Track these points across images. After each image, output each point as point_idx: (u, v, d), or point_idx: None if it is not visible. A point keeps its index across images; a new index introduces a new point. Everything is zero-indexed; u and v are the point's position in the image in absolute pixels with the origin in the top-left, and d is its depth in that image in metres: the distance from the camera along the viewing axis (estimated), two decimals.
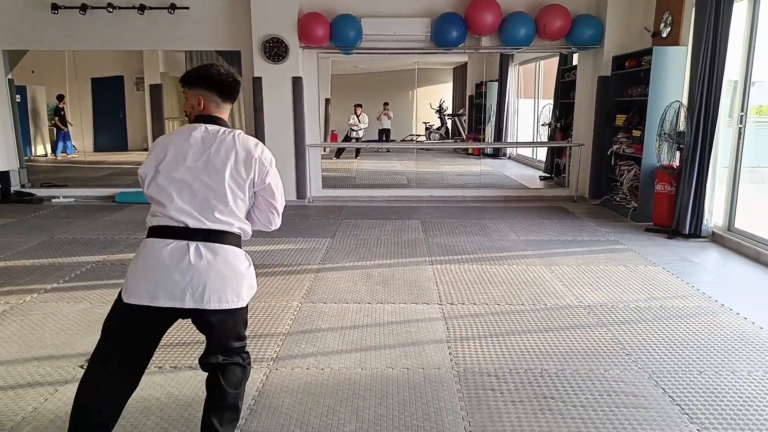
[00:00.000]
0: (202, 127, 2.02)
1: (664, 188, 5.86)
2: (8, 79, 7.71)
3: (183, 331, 3.32)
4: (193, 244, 1.91)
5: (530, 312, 3.68)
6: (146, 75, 10.79)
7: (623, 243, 5.40)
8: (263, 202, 2.11)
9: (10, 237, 5.65)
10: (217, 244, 1.95)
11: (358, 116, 12.50)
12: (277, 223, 2.20)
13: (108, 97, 10.90)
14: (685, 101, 5.75)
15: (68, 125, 11.86)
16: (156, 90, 10.93)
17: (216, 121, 2.05)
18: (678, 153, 5.77)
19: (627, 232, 5.82)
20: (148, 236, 1.96)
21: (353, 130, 12.58)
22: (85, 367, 2.03)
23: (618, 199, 6.87)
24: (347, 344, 3.20)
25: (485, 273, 4.49)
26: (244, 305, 2.05)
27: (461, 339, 3.27)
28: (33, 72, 10.91)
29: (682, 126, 5.63)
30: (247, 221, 2.09)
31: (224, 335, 2.04)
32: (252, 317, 3.56)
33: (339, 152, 12.77)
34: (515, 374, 2.85)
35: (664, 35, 6.27)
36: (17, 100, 8.17)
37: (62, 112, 11.79)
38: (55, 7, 7.20)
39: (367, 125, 12.62)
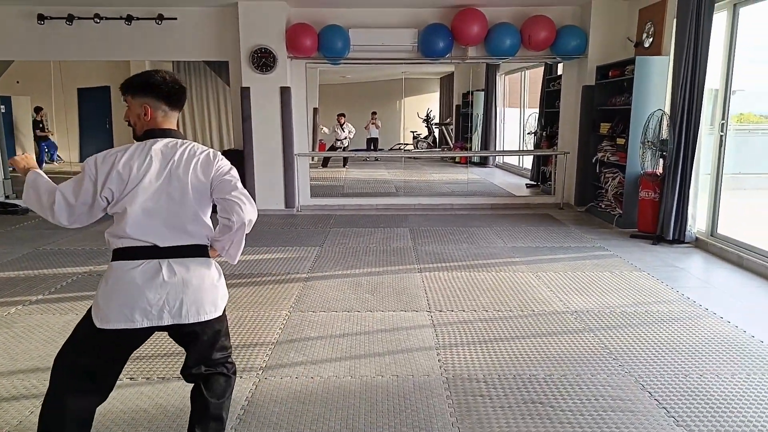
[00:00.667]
0: (160, 142, 1.93)
1: (648, 195, 5.95)
2: None
3: (170, 341, 3.30)
4: (164, 262, 1.87)
5: (518, 318, 3.71)
6: None
7: (609, 249, 5.46)
8: (225, 200, 1.92)
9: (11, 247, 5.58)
10: (188, 259, 1.92)
11: (341, 126, 12.54)
12: (247, 212, 1.91)
13: (94, 107, 10.84)
14: (667, 109, 5.85)
15: (49, 133, 11.74)
16: None
17: (170, 133, 1.97)
18: (661, 160, 5.86)
19: (612, 239, 5.89)
20: (115, 259, 1.89)
21: (338, 140, 12.62)
22: (49, 391, 1.91)
23: (603, 206, 6.95)
24: (337, 352, 3.21)
25: (473, 280, 4.52)
26: (221, 314, 2.03)
27: (450, 346, 3.29)
28: (18, 82, 10.84)
29: (664, 134, 5.73)
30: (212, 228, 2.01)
31: (206, 346, 2.01)
32: (241, 326, 3.55)
33: (326, 161, 12.79)
34: (504, 380, 2.87)
35: (647, 45, 6.39)
36: (1, 110, 8.09)
37: (41, 125, 11.69)
38: (41, 18, 7.17)
39: (353, 134, 12.66)
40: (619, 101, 6.66)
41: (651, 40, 6.33)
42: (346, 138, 12.66)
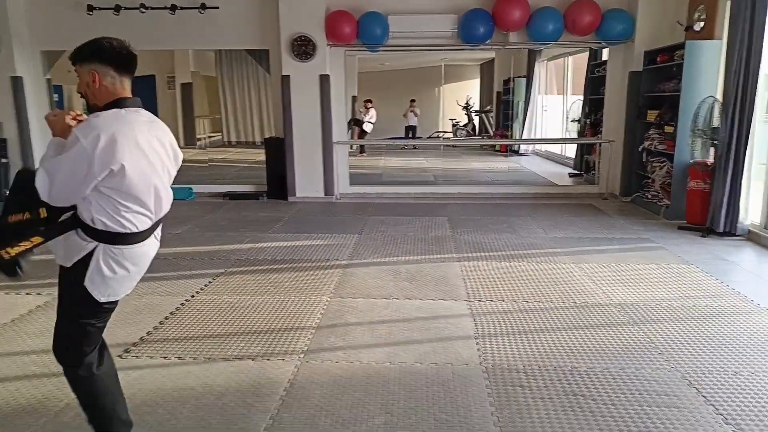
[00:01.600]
0: (133, 111, 1.92)
1: (697, 185, 5.74)
2: (46, 79, 7.95)
3: (217, 324, 3.41)
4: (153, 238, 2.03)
5: (559, 309, 3.66)
6: (177, 74, 11.02)
7: (655, 241, 5.31)
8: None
9: None
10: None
11: (367, 111, 12.51)
12: None
13: (141, 95, 11.08)
14: (719, 96, 5.62)
15: None
16: (187, 88, 11.15)
17: (135, 102, 1.96)
18: (712, 149, 5.64)
19: (659, 230, 5.72)
20: (123, 242, 1.88)
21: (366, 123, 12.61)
22: (86, 364, 2.02)
23: (649, 196, 6.75)
24: (376, 339, 3.24)
25: (513, 270, 4.47)
26: None
27: (489, 335, 3.27)
28: (69, 72, 11.24)
29: (716, 122, 5.51)
30: None
31: None
32: (283, 310, 3.63)
33: (362, 148, 12.81)
34: (544, 371, 2.84)
35: (698, 29, 6.13)
36: (55, 99, 8.41)
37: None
38: (90, 9, 7.39)
39: (373, 119, 12.62)
40: (668, 87, 6.43)
41: (703, 23, 6.07)
42: (368, 123, 12.62)
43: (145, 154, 1.87)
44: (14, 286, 4.10)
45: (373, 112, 12.51)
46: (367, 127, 12.54)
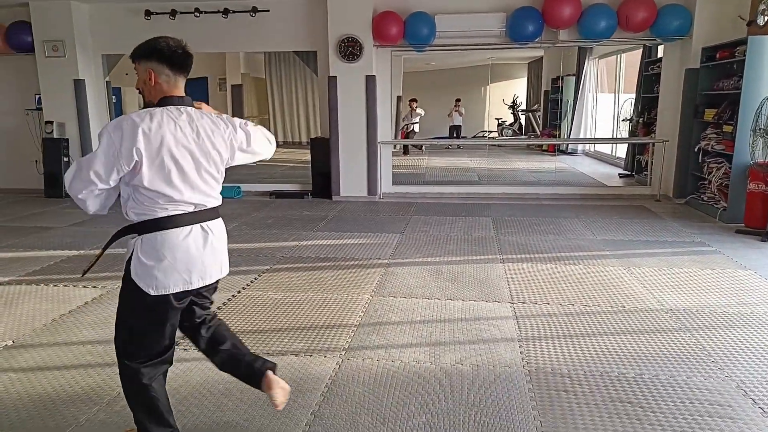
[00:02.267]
0: (176, 109, 1.99)
1: (758, 187, 5.46)
2: (106, 82, 8.33)
3: (251, 318, 3.48)
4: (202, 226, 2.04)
5: (607, 314, 3.56)
6: (228, 76, 11.34)
7: (710, 245, 5.09)
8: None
9: (106, 227, 6.11)
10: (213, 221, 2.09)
11: (413, 111, 12.54)
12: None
13: (194, 97, 11.48)
14: None
15: None
16: (237, 90, 11.46)
17: (183, 101, 2.02)
18: None
19: (715, 234, 5.48)
20: (155, 228, 1.96)
21: (410, 125, 12.62)
22: (134, 368, 2.05)
23: (705, 198, 6.47)
24: (417, 338, 3.24)
25: (559, 273, 4.38)
26: None
27: (533, 338, 3.22)
28: (127, 74, 11.72)
29: None
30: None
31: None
32: (325, 308, 3.68)
33: (406, 149, 12.81)
34: (590, 377, 2.77)
35: (761, 23, 5.82)
36: (113, 100, 8.80)
37: None
38: (148, 13, 7.69)
39: (419, 118, 12.66)
40: (728, 85, 6.14)
41: (766, 17, 5.76)
42: (417, 123, 12.64)
43: (169, 149, 1.91)
44: (72, 279, 4.32)
45: (419, 111, 12.53)
46: (416, 128, 12.56)
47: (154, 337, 2.05)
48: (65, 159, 7.93)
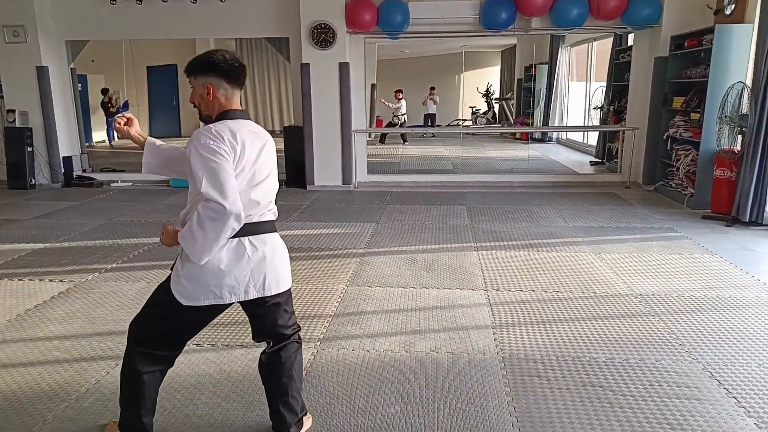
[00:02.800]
0: (248, 123, 1.99)
1: (723, 174, 5.60)
2: (71, 69, 8.06)
3: (234, 311, 3.43)
4: (246, 240, 1.99)
5: (579, 300, 3.62)
6: None
7: (678, 230, 5.20)
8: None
9: (73, 219, 5.96)
10: (266, 234, 2.07)
11: (398, 101, 12.51)
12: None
13: (163, 84, 11.29)
14: (749, 82, 5.45)
15: (110, 111, 12.27)
16: None
17: (245, 115, 2.02)
18: (740, 137, 5.49)
19: (682, 220, 5.60)
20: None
21: (395, 116, 12.58)
22: (142, 354, 2.04)
23: (673, 185, 6.61)
24: (392, 327, 3.24)
25: (532, 259, 4.43)
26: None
27: (507, 325, 3.25)
28: (93, 61, 11.39)
29: (745, 108, 5.35)
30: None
31: (282, 314, 2.17)
32: (299, 298, 3.65)
33: (383, 137, 12.78)
34: (562, 362, 2.81)
35: (728, 12, 5.93)
36: (79, 88, 8.53)
37: (108, 106, 12.25)
38: None
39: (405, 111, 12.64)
40: (695, 73, 6.26)
41: (733, 6, 5.87)
42: (404, 114, 12.62)
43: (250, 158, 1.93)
44: (38, 273, 4.20)
45: (402, 103, 12.50)
46: (400, 120, 12.54)
47: (166, 336, 2.05)
48: (29, 149, 7.68)
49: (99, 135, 12.27)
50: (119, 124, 2.17)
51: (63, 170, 7.98)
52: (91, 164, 8.52)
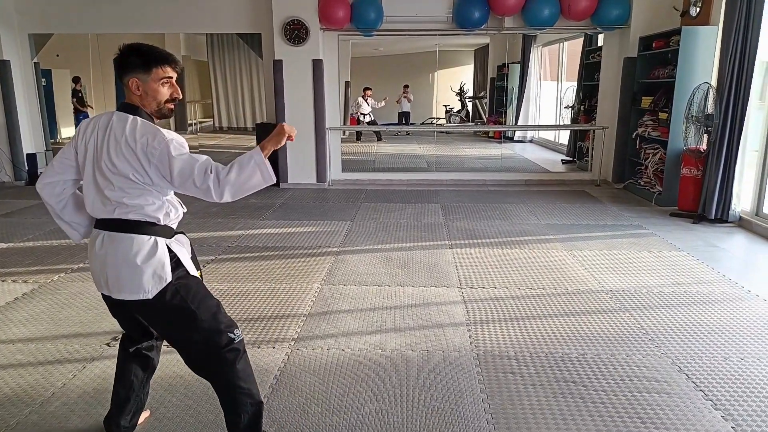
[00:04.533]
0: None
1: (690, 172, 5.74)
2: (34, 63, 7.81)
3: None
4: (101, 234, 1.92)
5: (551, 296, 3.66)
6: None
7: (647, 228, 5.31)
8: None
9: (37, 218, 5.77)
10: (115, 233, 1.91)
11: (366, 99, 12.47)
12: None
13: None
14: (714, 82, 5.59)
15: (87, 107, 11.99)
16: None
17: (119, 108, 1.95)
18: (706, 136, 5.63)
19: (651, 217, 5.73)
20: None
21: (362, 114, 12.54)
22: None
23: (642, 183, 6.75)
24: (367, 326, 3.22)
25: (505, 257, 4.46)
26: (154, 298, 1.86)
27: (481, 322, 3.27)
28: (58, 56, 11.07)
29: (710, 108, 5.49)
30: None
31: (146, 324, 2.07)
32: (273, 298, 3.60)
33: (359, 135, 12.74)
34: (536, 358, 2.84)
35: (694, 14, 6.08)
36: (42, 83, 8.28)
37: (80, 94, 11.94)
38: None
39: (371, 109, 12.61)
40: (663, 74, 6.40)
41: (698, 8, 6.02)
42: (368, 114, 12.57)
43: None
44: (0, 274, 4.06)
45: (371, 101, 12.46)
46: (367, 118, 12.49)
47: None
48: None
49: (68, 131, 11.93)
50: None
51: (27, 168, 7.73)
52: None
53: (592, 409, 2.38)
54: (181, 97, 1.96)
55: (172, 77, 1.90)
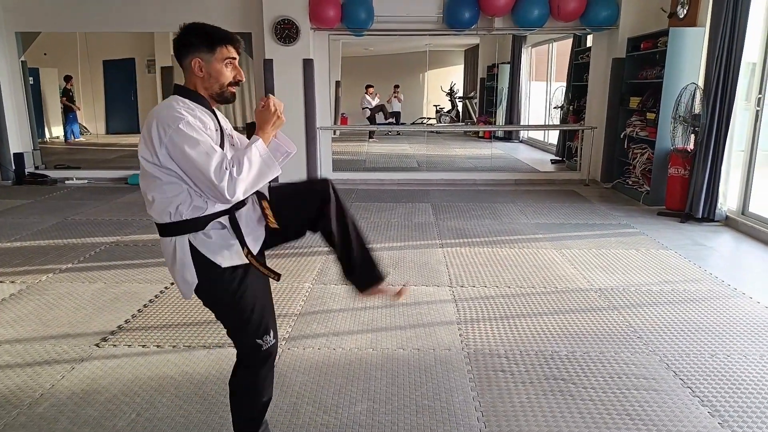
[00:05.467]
0: None
1: (677, 172, 5.80)
2: (21, 61, 7.73)
3: (196, 311, 3.36)
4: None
5: (541, 295, 3.68)
6: (157, 57, 10.80)
7: (635, 227, 5.36)
8: None
9: (25, 218, 5.72)
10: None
11: (372, 96, 12.56)
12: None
13: (120, 79, 10.94)
14: (701, 83, 5.66)
15: (76, 108, 11.87)
16: (167, 72, 10.93)
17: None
18: (693, 136, 5.69)
19: (639, 216, 5.78)
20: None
21: (366, 109, 12.58)
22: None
23: (630, 182, 6.81)
24: (358, 325, 3.23)
25: (496, 256, 4.49)
26: (204, 295, 1.85)
27: (471, 321, 3.28)
28: (45, 54, 10.95)
29: (697, 108, 5.55)
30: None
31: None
32: None
33: (371, 133, 12.84)
34: (525, 356, 2.86)
35: (681, 16, 6.15)
36: (30, 82, 8.19)
37: (71, 93, 11.82)
38: None
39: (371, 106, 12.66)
40: (651, 74, 6.46)
41: (686, 10, 6.08)
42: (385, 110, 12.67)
43: None
44: None
45: (368, 98, 12.50)
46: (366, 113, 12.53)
47: None
48: None
49: (56, 130, 11.81)
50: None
51: (14, 167, 7.65)
52: (44, 161, 8.19)
53: (581, 406, 2.40)
54: (244, 79, 1.86)
55: (235, 58, 1.81)
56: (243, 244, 1.81)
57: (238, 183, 1.66)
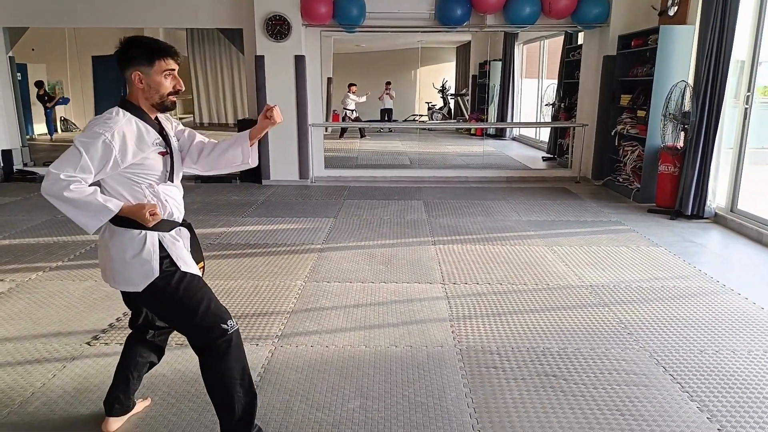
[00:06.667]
0: None
1: (667, 169, 5.84)
2: (9, 57, 7.64)
3: None
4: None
5: (532, 291, 3.71)
6: None
7: (626, 224, 5.40)
8: None
9: (13, 215, 5.66)
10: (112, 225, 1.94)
11: (350, 95, 12.49)
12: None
13: (109, 75, 10.84)
14: (691, 81, 5.70)
15: (47, 106, 11.71)
16: None
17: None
18: (683, 133, 5.74)
19: (629, 213, 5.82)
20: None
21: (346, 109, 12.54)
22: None
23: (621, 179, 6.85)
24: (351, 322, 3.23)
25: (488, 253, 4.50)
26: (145, 291, 1.93)
27: (464, 318, 3.30)
28: (33, 50, 10.84)
29: (687, 106, 5.59)
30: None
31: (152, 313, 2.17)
32: (257, 295, 3.59)
33: (342, 132, 12.72)
34: (517, 353, 2.88)
35: (671, 14, 6.19)
36: (18, 78, 8.10)
37: (45, 98, 11.69)
38: None
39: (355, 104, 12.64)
40: (641, 72, 6.50)
41: (676, 8, 6.12)
42: (353, 110, 12.59)
43: None
44: None
45: (353, 96, 12.46)
46: (353, 114, 12.47)
47: None
48: None
49: (40, 128, 11.71)
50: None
51: (2, 164, 7.57)
52: (32, 158, 8.12)
53: (572, 402, 2.43)
54: (183, 89, 1.96)
55: (174, 69, 1.91)
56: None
57: (59, 190, 1.77)
